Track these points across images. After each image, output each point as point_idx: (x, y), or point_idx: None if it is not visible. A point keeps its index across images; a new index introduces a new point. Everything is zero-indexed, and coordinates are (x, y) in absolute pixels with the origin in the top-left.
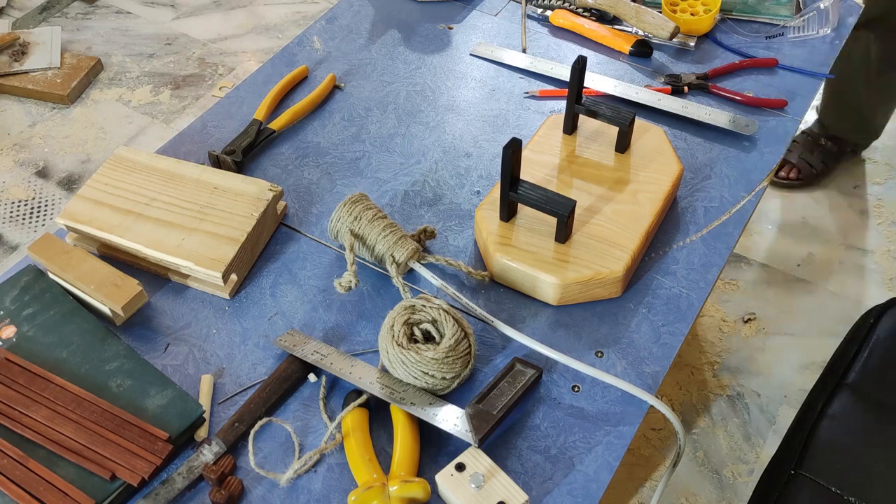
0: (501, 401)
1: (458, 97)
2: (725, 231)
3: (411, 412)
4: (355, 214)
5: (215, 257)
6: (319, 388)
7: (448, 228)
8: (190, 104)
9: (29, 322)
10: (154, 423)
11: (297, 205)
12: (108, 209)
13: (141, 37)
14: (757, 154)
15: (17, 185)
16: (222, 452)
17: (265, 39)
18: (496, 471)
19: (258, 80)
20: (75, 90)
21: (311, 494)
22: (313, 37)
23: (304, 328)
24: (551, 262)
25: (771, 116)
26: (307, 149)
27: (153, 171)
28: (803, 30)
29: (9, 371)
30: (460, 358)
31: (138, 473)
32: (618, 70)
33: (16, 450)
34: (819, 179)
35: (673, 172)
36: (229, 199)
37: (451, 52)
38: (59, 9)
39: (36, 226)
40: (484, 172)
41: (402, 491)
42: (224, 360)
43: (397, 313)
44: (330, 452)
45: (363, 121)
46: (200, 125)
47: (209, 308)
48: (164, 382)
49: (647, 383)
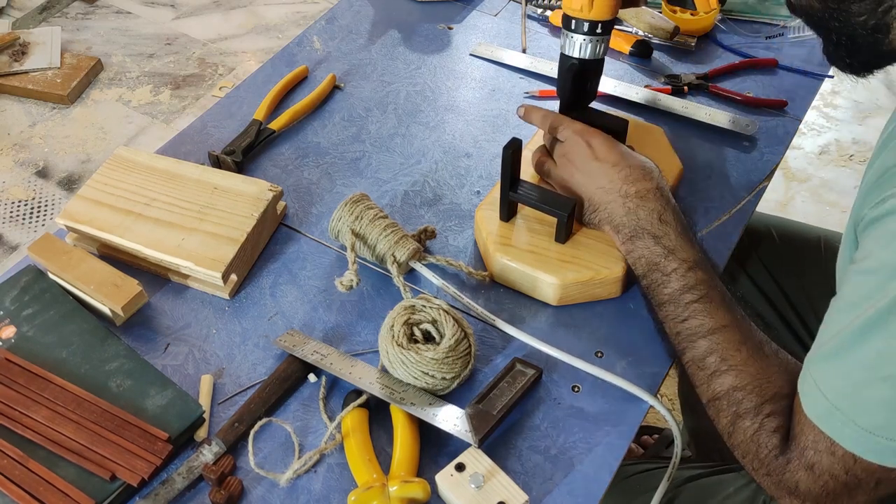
0: (501, 401)
1: (458, 97)
2: (725, 231)
3: (411, 412)
4: (356, 214)
5: (215, 257)
6: (319, 389)
7: (448, 228)
8: (190, 104)
9: (29, 322)
10: (154, 423)
11: (297, 205)
12: (108, 209)
13: (141, 37)
14: (757, 154)
15: (17, 185)
16: (222, 453)
17: (265, 39)
18: (496, 471)
19: (258, 80)
20: (75, 90)
21: (310, 494)
22: (313, 37)
23: (304, 328)
24: (551, 262)
25: (771, 116)
26: (307, 149)
27: (153, 171)
28: (803, 30)
29: (9, 371)
30: (460, 358)
31: (138, 474)
32: (618, 70)
33: (16, 450)
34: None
35: (673, 172)
36: (229, 199)
37: (451, 52)
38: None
39: (36, 226)
40: (484, 172)
41: (402, 491)
42: (224, 361)
43: (397, 313)
44: (330, 452)
45: (363, 121)
46: (200, 125)
47: (209, 308)
48: (164, 382)
49: (647, 383)
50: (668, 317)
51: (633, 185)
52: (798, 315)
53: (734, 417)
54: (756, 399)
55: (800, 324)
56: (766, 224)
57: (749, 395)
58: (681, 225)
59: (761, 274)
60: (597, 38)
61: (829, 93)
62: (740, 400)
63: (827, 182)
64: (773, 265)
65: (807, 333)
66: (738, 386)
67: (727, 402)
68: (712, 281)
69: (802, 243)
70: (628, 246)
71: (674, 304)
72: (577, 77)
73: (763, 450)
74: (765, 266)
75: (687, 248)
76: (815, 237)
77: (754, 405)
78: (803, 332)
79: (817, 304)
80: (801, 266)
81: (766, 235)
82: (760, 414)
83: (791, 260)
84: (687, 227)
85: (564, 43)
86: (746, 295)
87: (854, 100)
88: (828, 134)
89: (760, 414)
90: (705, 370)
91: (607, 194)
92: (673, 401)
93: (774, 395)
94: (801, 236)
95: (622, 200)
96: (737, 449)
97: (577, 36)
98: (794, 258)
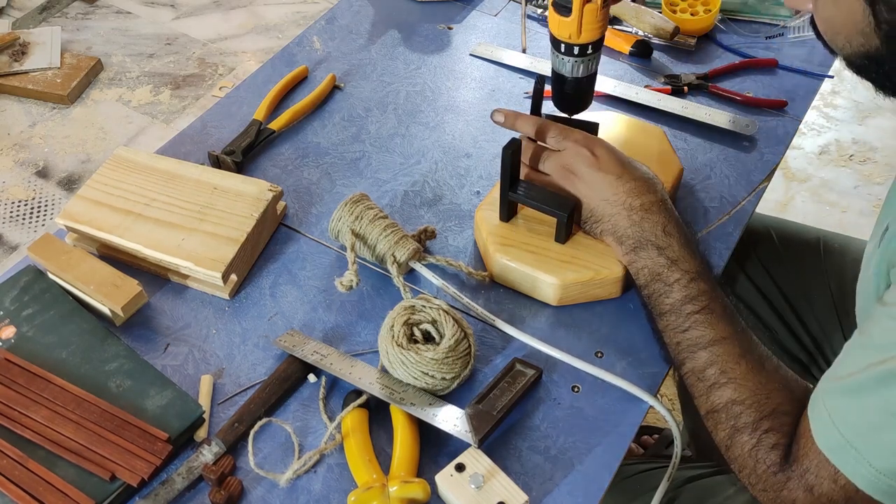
0: (501, 401)
1: (458, 97)
2: (725, 231)
3: (411, 412)
4: (356, 214)
5: (215, 257)
6: (319, 389)
7: (448, 229)
8: (190, 104)
9: (29, 322)
10: (154, 423)
11: (297, 205)
12: (108, 209)
13: (141, 37)
14: (757, 154)
15: (17, 185)
16: (222, 453)
17: (265, 39)
18: (496, 471)
19: (258, 80)
20: (75, 90)
21: (310, 495)
22: (313, 37)
23: (304, 328)
24: (551, 263)
25: (771, 116)
26: (307, 149)
27: (153, 171)
28: (803, 30)
29: (8, 371)
30: (460, 358)
31: (138, 474)
32: (618, 70)
33: (16, 450)
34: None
35: (673, 172)
36: (229, 199)
37: (451, 52)
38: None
39: (36, 226)
40: (484, 172)
41: (401, 491)
42: (224, 361)
43: (397, 313)
44: (330, 453)
45: (363, 121)
46: (200, 125)
47: (209, 308)
48: (164, 383)
49: (647, 383)
50: (669, 327)
51: (638, 197)
52: (797, 315)
53: (732, 431)
54: (755, 414)
55: (799, 324)
56: (764, 225)
57: (748, 409)
58: (684, 237)
59: (760, 275)
60: (588, 58)
61: (829, 93)
62: (738, 414)
63: (827, 182)
64: (771, 266)
65: (805, 333)
66: (737, 399)
67: (725, 415)
68: (714, 292)
69: (801, 244)
70: (631, 256)
71: (675, 314)
72: (571, 91)
73: (761, 465)
74: (764, 267)
75: (690, 259)
76: (813, 238)
77: (753, 420)
78: (802, 332)
79: (816, 305)
80: (799, 267)
81: (764, 236)
82: (759, 429)
83: (790, 260)
84: (690, 238)
85: (554, 61)
86: (745, 296)
87: (854, 100)
88: (828, 134)
89: (759, 429)
90: (704, 381)
91: (612, 206)
92: (673, 401)
93: (773, 411)
94: (800, 237)
95: (627, 213)
96: (734, 462)
97: (569, 58)
98: (792, 259)
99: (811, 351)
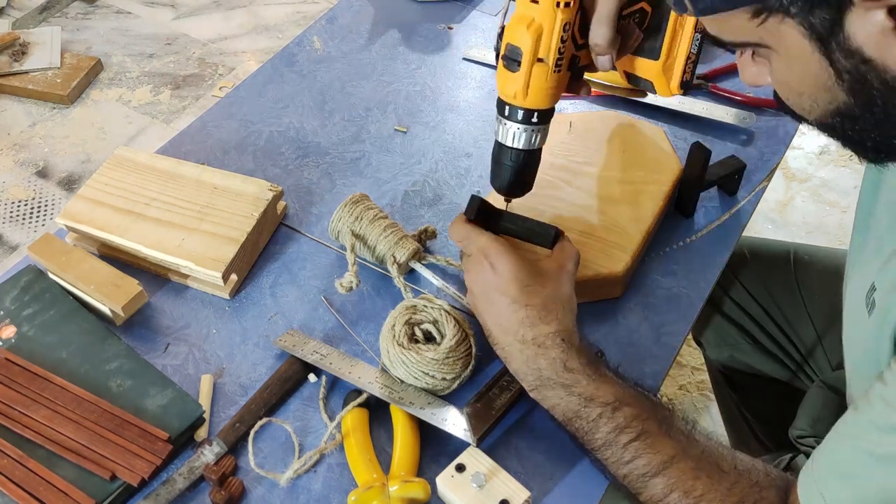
0: (500, 400)
1: (458, 97)
2: (725, 231)
3: (411, 412)
4: (356, 214)
5: (215, 257)
6: (319, 388)
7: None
8: (190, 104)
9: (29, 322)
10: (154, 423)
11: (297, 205)
12: (108, 209)
13: (141, 37)
14: (757, 154)
15: (17, 185)
16: (223, 453)
17: (265, 39)
18: (497, 469)
19: (258, 80)
20: (75, 90)
21: (311, 494)
22: (313, 37)
23: (304, 328)
24: None
25: (771, 116)
26: (307, 149)
27: (153, 171)
28: None
29: (9, 371)
30: (461, 359)
31: (138, 473)
32: None
33: (16, 450)
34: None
35: (673, 172)
36: (229, 199)
37: (451, 52)
38: (59, 9)
39: (36, 226)
40: (484, 172)
41: (402, 491)
42: (224, 360)
43: (398, 313)
44: (330, 452)
45: (363, 121)
46: (200, 125)
47: (209, 308)
48: (164, 382)
49: (648, 383)
50: (610, 461)
51: (531, 329)
52: (780, 329)
53: None
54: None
55: (782, 336)
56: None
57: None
58: (591, 366)
59: (742, 295)
60: (532, 128)
61: None
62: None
63: (827, 182)
64: (748, 284)
65: (789, 343)
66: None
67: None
68: (644, 412)
69: (771, 260)
70: (537, 395)
71: (611, 447)
72: (511, 166)
73: None
74: (743, 286)
75: (604, 388)
76: (783, 252)
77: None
78: (787, 343)
79: (790, 317)
80: (771, 282)
81: (740, 256)
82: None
83: (764, 277)
84: (597, 362)
85: (498, 129)
86: (734, 317)
87: None
88: None
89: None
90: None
91: (505, 334)
92: (673, 400)
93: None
94: (770, 252)
95: (520, 346)
96: None
97: (511, 123)
98: (766, 275)
99: (797, 359)
